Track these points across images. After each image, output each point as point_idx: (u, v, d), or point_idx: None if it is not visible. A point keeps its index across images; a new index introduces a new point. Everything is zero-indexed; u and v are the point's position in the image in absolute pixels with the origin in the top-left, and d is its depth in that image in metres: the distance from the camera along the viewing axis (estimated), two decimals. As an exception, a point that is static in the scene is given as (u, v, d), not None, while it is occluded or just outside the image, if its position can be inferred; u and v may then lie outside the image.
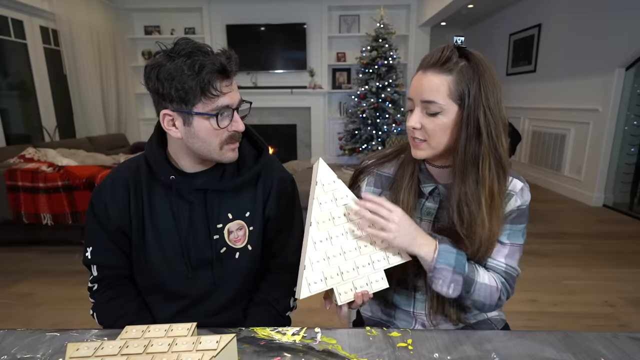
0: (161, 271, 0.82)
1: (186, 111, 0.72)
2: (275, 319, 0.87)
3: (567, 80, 3.91)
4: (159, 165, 0.80)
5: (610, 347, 0.64)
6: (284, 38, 5.36)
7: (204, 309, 0.86)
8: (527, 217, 0.80)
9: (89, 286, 0.85)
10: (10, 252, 2.64)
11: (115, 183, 0.82)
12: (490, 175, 0.72)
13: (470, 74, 0.69)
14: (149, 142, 0.83)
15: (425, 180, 0.81)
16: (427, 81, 0.71)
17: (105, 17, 4.85)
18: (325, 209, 0.72)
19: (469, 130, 0.70)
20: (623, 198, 3.57)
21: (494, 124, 0.70)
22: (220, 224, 0.83)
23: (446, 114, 0.71)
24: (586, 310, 1.90)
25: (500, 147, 0.71)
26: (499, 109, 0.71)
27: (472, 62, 0.70)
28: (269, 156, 0.89)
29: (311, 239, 0.70)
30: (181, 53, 0.69)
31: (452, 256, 0.73)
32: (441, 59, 0.70)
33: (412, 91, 0.74)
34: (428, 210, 0.82)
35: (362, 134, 5.19)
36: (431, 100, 0.70)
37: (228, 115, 0.75)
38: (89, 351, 0.53)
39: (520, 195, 0.78)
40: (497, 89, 0.70)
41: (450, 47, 0.71)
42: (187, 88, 0.69)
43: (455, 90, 0.70)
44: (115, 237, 0.82)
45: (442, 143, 0.73)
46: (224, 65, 0.70)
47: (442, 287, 0.73)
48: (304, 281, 0.68)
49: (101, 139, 4.26)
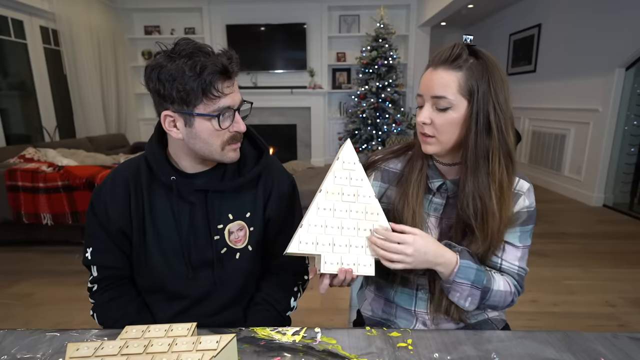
0: (161, 272, 0.82)
1: (187, 112, 0.72)
2: (275, 319, 0.87)
3: (567, 80, 3.91)
4: (159, 166, 0.80)
5: (610, 347, 0.64)
6: (284, 38, 5.36)
7: (204, 309, 0.86)
8: (535, 218, 0.82)
9: (89, 286, 0.85)
10: (10, 252, 2.64)
11: (116, 183, 0.82)
12: (500, 169, 0.74)
13: (479, 71, 0.71)
14: (149, 142, 0.83)
15: (434, 176, 0.82)
16: (438, 77, 0.73)
17: (105, 17, 4.85)
18: (338, 182, 0.74)
19: (479, 125, 0.72)
20: (623, 198, 3.57)
21: (504, 119, 0.72)
22: (220, 225, 0.83)
23: (456, 110, 0.72)
24: (586, 310, 1.90)
25: (510, 141, 0.74)
26: (507, 105, 0.73)
27: (481, 59, 0.72)
28: (270, 157, 0.89)
29: (316, 204, 0.72)
30: (182, 54, 0.69)
31: (472, 272, 0.75)
32: (451, 56, 0.72)
33: (422, 87, 0.76)
34: (435, 206, 0.83)
35: (362, 134, 5.19)
36: (441, 96, 0.72)
37: (229, 116, 0.75)
38: (89, 351, 0.53)
39: (528, 196, 0.80)
40: (505, 86, 0.73)
41: (461, 45, 0.73)
42: (189, 89, 0.69)
43: (465, 86, 0.71)
44: (116, 237, 0.82)
45: (451, 138, 0.75)
46: (225, 66, 0.70)
47: (458, 300, 0.76)
48: (297, 237, 0.70)
49: (101, 139, 4.26)
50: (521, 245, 0.81)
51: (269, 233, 0.88)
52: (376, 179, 0.89)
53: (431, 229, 0.83)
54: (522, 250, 0.81)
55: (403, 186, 0.83)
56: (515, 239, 0.80)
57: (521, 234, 0.81)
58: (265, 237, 0.88)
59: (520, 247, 0.81)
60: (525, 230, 0.81)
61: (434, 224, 0.83)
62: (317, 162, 5.78)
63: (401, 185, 0.84)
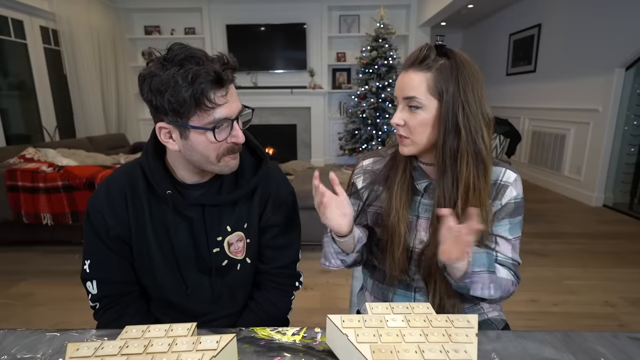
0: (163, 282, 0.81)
1: (182, 124, 0.69)
2: (271, 322, 0.86)
3: (567, 80, 3.91)
4: (156, 178, 0.76)
5: (610, 347, 0.64)
6: (284, 38, 5.36)
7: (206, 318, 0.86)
8: (524, 208, 0.81)
9: (91, 305, 0.81)
10: (10, 252, 2.64)
11: (112, 193, 0.79)
12: (467, 171, 0.73)
13: (448, 71, 0.71)
14: (144, 152, 0.79)
15: (419, 177, 0.82)
16: (408, 79, 0.73)
17: (105, 17, 4.85)
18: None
19: (448, 126, 0.72)
20: (623, 198, 3.57)
21: (474, 120, 0.71)
22: (220, 237, 0.81)
23: (426, 110, 0.73)
24: (586, 310, 1.90)
25: (481, 142, 0.72)
26: (480, 105, 0.72)
27: (451, 59, 0.72)
28: (269, 165, 0.86)
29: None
30: (175, 61, 0.66)
31: (483, 256, 0.74)
32: (419, 56, 0.72)
33: (396, 89, 0.77)
34: (425, 208, 0.82)
35: (362, 134, 5.19)
36: (411, 96, 0.73)
37: (226, 127, 0.71)
38: (89, 351, 0.53)
39: (515, 186, 0.79)
40: (477, 86, 0.71)
41: (428, 46, 0.73)
42: (181, 100, 0.65)
43: (434, 87, 0.71)
44: (115, 246, 0.79)
45: (423, 139, 0.75)
46: (218, 74, 0.66)
47: (482, 291, 0.74)
48: None
49: (101, 139, 4.26)
50: (512, 237, 0.80)
51: (266, 242, 0.87)
52: (365, 181, 0.89)
53: (420, 231, 0.83)
54: (513, 242, 0.81)
55: (389, 187, 0.83)
56: (505, 231, 0.80)
57: (511, 226, 0.80)
58: (263, 246, 0.87)
59: (511, 239, 0.80)
60: (514, 222, 0.80)
61: (425, 226, 0.82)
62: (317, 162, 5.78)
63: (388, 187, 0.84)
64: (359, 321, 0.59)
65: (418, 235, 0.83)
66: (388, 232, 0.82)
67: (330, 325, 0.60)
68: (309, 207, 0.88)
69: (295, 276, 0.92)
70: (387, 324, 0.59)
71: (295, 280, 0.92)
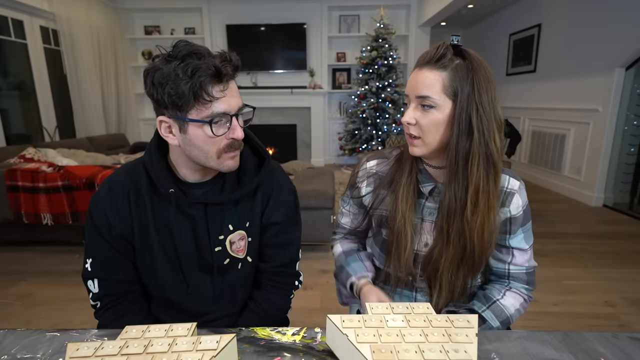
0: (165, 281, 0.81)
1: (180, 118, 0.69)
2: (270, 321, 0.86)
3: (567, 80, 3.91)
4: (158, 176, 0.77)
5: (610, 347, 0.64)
6: (284, 38, 5.36)
7: (207, 317, 0.86)
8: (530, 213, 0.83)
9: (92, 304, 0.81)
10: (10, 252, 2.64)
11: (114, 192, 0.79)
12: (478, 173, 0.72)
13: (464, 71, 0.70)
14: (147, 150, 0.79)
15: (424, 180, 0.81)
16: (423, 77, 0.72)
17: (105, 17, 4.85)
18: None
19: (461, 127, 0.71)
20: (623, 198, 3.57)
21: (487, 122, 0.70)
22: (222, 236, 0.81)
23: (440, 110, 0.71)
24: (586, 310, 1.90)
25: (493, 144, 0.71)
26: (493, 107, 0.71)
27: (466, 60, 0.71)
28: (271, 165, 0.86)
29: None
30: (178, 56, 0.66)
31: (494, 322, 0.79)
32: (436, 55, 0.71)
33: (408, 88, 0.75)
34: (430, 211, 0.82)
35: (362, 134, 5.19)
36: (425, 95, 0.71)
37: (225, 122, 0.71)
38: (89, 351, 0.53)
39: (520, 194, 0.79)
40: (491, 88, 0.71)
41: (445, 45, 0.72)
42: (180, 93, 0.66)
43: (449, 87, 0.70)
44: (117, 245, 0.79)
45: (435, 139, 0.74)
46: (218, 68, 0.66)
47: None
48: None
49: (101, 139, 4.26)
50: (528, 246, 0.82)
51: (267, 241, 0.87)
52: (369, 185, 0.88)
53: (424, 234, 0.83)
54: (529, 251, 0.83)
55: (394, 190, 0.82)
56: (521, 242, 0.81)
57: (525, 235, 0.82)
58: (264, 245, 0.87)
59: (527, 248, 0.82)
60: (526, 230, 0.82)
61: (429, 229, 0.82)
62: (317, 162, 5.78)
63: (393, 190, 0.83)
64: (359, 321, 0.59)
65: (422, 238, 0.83)
66: (394, 234, 0.82)
67: (330, 325, 0.60)
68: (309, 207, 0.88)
69: (294, 275, 0.92)
70: (387, 324, 0.59)
71: (295, 280, 0.92)
